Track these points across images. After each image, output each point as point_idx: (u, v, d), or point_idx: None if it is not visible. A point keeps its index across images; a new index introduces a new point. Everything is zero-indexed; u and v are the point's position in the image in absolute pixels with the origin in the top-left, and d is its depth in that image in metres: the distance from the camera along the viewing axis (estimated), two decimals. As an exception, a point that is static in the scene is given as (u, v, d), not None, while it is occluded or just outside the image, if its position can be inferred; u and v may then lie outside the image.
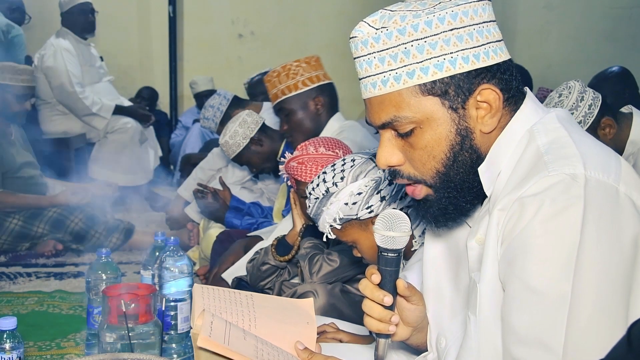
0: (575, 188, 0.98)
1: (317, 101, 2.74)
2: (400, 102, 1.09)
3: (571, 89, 2.36)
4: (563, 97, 2.35)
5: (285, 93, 2.73)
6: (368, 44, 1.09)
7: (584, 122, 2.36)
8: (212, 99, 4.03)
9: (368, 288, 1.17)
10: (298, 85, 2.73)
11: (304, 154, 2.11)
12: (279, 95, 2.75)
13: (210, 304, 1.31)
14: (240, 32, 6.99)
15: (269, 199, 3.50)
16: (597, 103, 2.37)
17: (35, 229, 3.67)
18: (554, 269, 0.97)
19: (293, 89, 2.73)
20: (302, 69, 2.73)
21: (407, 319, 1.24)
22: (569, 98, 2.33)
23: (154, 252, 2.02)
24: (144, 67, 6.87)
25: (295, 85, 2.73)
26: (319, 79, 2.77)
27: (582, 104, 2.34)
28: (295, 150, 2.17)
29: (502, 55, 1.11)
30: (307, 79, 2.73)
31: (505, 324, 1.03)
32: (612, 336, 0.96)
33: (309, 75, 2.74)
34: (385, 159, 1.14)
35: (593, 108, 2.35)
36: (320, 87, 2.76)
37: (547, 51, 6.62)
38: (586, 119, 2.35)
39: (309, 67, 2.75)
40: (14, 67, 3.80)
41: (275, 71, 2.77)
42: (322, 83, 2.77)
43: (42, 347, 2.29)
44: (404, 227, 1.13)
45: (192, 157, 4.92)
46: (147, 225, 4.40)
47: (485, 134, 1.11)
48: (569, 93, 2.35)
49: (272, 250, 2.25)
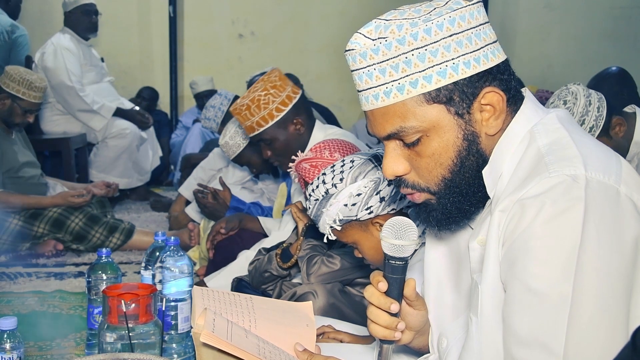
0: (576, 189, 0.98)
1: (296, 122, 2.59)
2: (405, 113, 1.08)
3: (576, 95, 2.32)
4: (570, 104, 2.31)
5: (262, 125, 2.56)
6: (367, 56, 1.08)
7: (597, 126, 2.31)
8: (213, 99, 4.04)
9: (374, 295, 1.16)
10: (273, 114, 2.55)
11: (319, 157, 2.08)
12: (255, 128, 2.57)
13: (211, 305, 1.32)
14: (241, 32, 6.99)
15: (269, 199, 3.51)
16: (603, 104, 2.33)
17: (35, 229, 3.68)
18: (554, 270, 0.97)
19: (269, 118, 2.55)
20: (271, 95, 2.55)
21: (409, 324, 1.24)
22: (577, 105, 2.29)
23: (154, 252, 2.02)
24: (144, 67, 6.87)
25: (270, 115, 2.55)
26: (290, 99, 2.58)
27: (591, 108, 2.30)
28: (309, 150, 2.14)
29: (499, 56, 1.11)
30: (279, 104, 2.56)
31: (506, 326, 1.03)
32: (612, 337, 0.96)
33: (280, 99, 2.56)
34: (391, 169, 1.13)
35: (602, 110, 2.32)
36: (295, 105, 2.58)
37: (547, 51, 6.62)
38: (597, 123, 2.31)
39: (276, 91, 2.56)
40: (30, 83, 3.80)
41: (243, 104, 2.56)
42: (294, 102, 2.58)
43: (42, 347, 2.29)
44: (412, 236, 1.13)
45: (193, 157, 4.93)
46: (147, 225, 4.40)
47: (490, 136, 1.10)
48: (575, 99, 2.30)
49: (277, 259, 2.25)
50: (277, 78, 2.60)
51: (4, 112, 3.79)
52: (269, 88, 2.56)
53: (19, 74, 3.81)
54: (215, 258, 2.83)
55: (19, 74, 3.81)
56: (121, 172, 5.06)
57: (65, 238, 3.70)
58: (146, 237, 3.76)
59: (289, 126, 2.59)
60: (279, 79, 2.60)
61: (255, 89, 2.58)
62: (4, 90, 3.79)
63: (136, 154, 5.14)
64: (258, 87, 2.57)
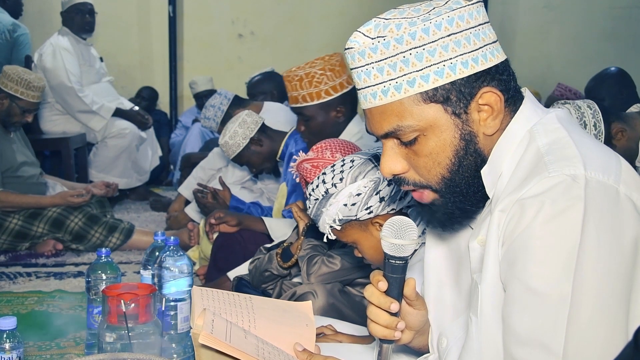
0: (576, 189, 0.98)
1: (338, 110, 2.65)
2: (402, 111, 1.08)
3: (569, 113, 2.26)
4: None
5: (307, 100, 2.62)
6: (365, 55, 1.09)
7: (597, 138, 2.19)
8: (212, 98, 4.03)
9: (374, 295, 1.16)
10: (321, 95, 2.61)
11: (320, 157, 2.08)
12: (300, 101, 2.64)
13: (210, 305, 1.32)
14: (240, 32, 6.99)
15: (269, 199, 3.51)
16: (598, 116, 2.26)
17: (35, 229, 3.68)
18: (554, 270, 0.97)
19: (315, 97, 2.61)
20: (326, 77, 2.60)
21: (409, 324, 1.24)
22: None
23: (154, 252, 2.02)
24: (144, 67, 6.88)
25: (318, 94, 2.61)
26: (342, 87, 2.64)
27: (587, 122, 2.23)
28: (311, 150, 2.14)
29: (499, 56, 1.10)
30: (330, 87, 2.61)
31: (506, 325, 1.03)
32: (612, 337, 0.96)
33: (332, 84, 2.62)
34: (389, 168, 1.14)
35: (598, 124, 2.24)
36: (343, 94, 2.65)
37: (547, 51, 6.62)
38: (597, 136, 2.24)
39: (333, 75, 2.62)
40: (29, 83, 3.81)
41: (297, 75, 2.62)
42: (345, 91, 2.64)
43: (42, 347, 2.29)
44: (412, 235, 1.13)
45: (192, 157, 4.93)
46: (147, 225, 4.40)
47: (488, 136, 1.10)
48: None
49: (278, 259, 2.25)
50: (337, 63, 2.65)
51: (3, 112, 3.79)
52: (326, 69, 2.61)
53: (17, 74, 3.81)
54: (215, 258, 2.83)
55: (17, 74, 3.81)
56: (121, 172, 5.06)
57: (65, 238, 3.70)
58: (146, 237, 3.75)
59: (331, 111, 2.66)
60: (339, 65, 2.65)
61: (313, 64, 2.63)
62: (3, 90, 3.79)
63: (136, 154, 5.14)
64: (317, 64, 2.63)
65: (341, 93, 2.64)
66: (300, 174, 2.14)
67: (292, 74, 2.64)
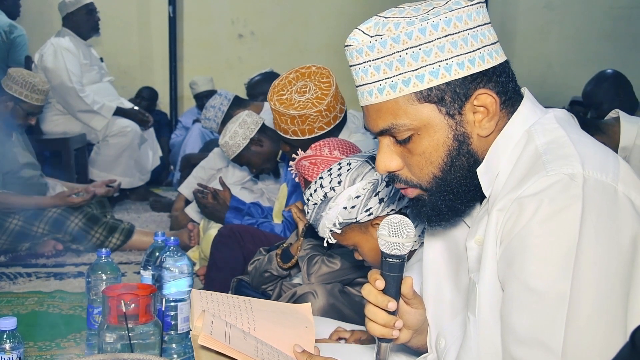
0: (574, 188, 0.98)
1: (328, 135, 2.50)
2: (397, 110, 1.09)
3: None
4: None
5: (298, 135, 2.50)
6: (363, 53, 1.09)
7: None
8: (213, 99, 4.04)
9: (372, 293, 1.17)
10: (314, 131, 2.49)
11: (318, 154, 2.09)
12: (290, 134, 2.51)
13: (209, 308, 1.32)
14: (240, 32, 6.99)
15: (269, 199, 3.51)
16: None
17: (35, 229, 3.68)
18: (552, 268, 0.97)
19: (307, 133, 2.49)
20: (320, 117, 2.46)
21: (407, 322, 1.24)
22: None
23: (154, 252, 2.02)
24: (144, 67, 6.88)
25: (310, 131, 2.49)
26: (335, 120, 2.52)
27: None
28: (309, 148, 2.14)
29: (497, 58, 1.10)
30: (324, 124, 2.48)
31: (505, 324, 1.03)
32: (611, 335, 0.97)
33: (326, 120, 2.48)
34: (384, 164, 1.15)
35: None
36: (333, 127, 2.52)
37: (547, 51, 6.63)
38: None
39: (328, 113, 2.47)
40: (33, 86, 3.81)
41: (290, 115, 2.45)
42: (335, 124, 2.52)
43: (42, 347, 2.30)
44: (409, 233, 1.13)
45: (192, 157, 4.92)
46: (147, 225, 4.40)
47: (482, 137, 1.11)
48: None
49: (278, 260, 2.26)
50: (332, 99, 2.49)
51: (6, 115, 3.79)
52: (322, 111, 2.46)
53: (22, 77, 3.82)
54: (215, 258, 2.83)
55: (21, 77, 3.82)
56: (123, 171, 5.04)
57: (65, 238, 3.70)
58: (146, 237, 3.76)
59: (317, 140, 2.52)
60: (334, 99, 2.50)
61: (310, 105, 2.46)
62: (7, 93, 3.79)
63: (138, 152, 5.13)
64: (313, 103, 2.47)
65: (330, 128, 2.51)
66: (299, 172, 2.14)
67: (283, 110, 2.46)
